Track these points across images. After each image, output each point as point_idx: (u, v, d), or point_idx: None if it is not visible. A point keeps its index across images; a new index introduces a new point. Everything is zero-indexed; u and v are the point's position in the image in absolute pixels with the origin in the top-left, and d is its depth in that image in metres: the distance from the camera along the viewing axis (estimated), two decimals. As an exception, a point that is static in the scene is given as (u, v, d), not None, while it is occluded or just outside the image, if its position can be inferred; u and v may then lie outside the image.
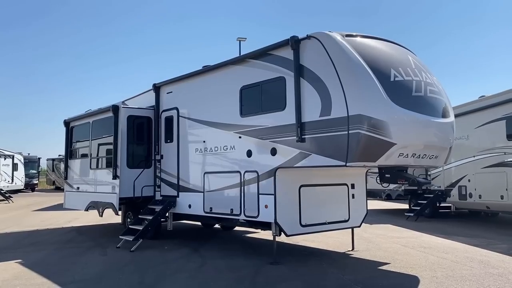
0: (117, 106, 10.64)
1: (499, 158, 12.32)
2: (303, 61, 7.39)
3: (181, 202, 9.98)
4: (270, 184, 7.84)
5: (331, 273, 7.32)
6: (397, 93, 6.76)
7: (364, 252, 9.10)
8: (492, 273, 7.26)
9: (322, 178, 8.47)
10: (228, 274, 7.35)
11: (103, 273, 7.53)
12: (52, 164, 44.19)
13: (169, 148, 10.44)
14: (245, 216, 8.34)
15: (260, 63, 8.24)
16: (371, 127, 6.51)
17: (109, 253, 9.26)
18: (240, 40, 25.82)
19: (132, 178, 10.44)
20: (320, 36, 7.18)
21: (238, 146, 8.58)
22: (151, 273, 7.48)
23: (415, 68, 7.28)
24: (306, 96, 7.30)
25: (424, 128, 7.04)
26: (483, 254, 8.82)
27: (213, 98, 9.31)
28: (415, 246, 9.74)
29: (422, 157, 7.20)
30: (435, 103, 7.27)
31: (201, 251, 9.42)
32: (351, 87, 6.70)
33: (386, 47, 7.49)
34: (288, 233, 7.93)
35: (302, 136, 7.30)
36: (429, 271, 7.38)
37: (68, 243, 10.67)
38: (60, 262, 8.44)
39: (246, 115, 8.43)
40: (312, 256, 8.85)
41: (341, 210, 8.74)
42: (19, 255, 9.17)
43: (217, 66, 9.28)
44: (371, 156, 6.69)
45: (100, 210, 11.12)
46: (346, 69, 6.81)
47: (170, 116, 10.46)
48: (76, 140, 13.11)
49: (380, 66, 6.88)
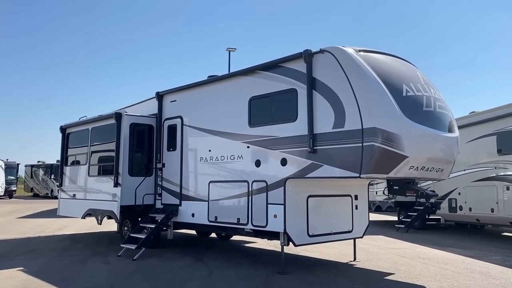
0: (120, 113, 10.60)
1: (490, 172, 12.72)
2: (315, 74, 7.55)
3: (184, 210, 9.97)
4: (279, 194, 7.93)
5: (341, 283, 7.43)
6: (409, 108, 6.98)
7: (366, 263, 9.25)
8: (494, 283, 7.49)
9: (327, 189, 8.60)
10: (239, 283, 7.38)
11: (112, 282, 7.46)
12: (30, 171, 43.23)
13: (171, 156, 10.44)
14: (253, 225, 8.39)
15: (271, 75, 8.37)
16: (385, 140, 6.69)
17: (111, 262, 9.16)
18: (230, 50, 26.06)
19: (133, 186, 10.38)
20: (334, 50, 7.36)
21: (246, 156, 8.65)
22: (161, 281, 7.45)
23: (424, 84, 7.53)
24: (319, 108, 7.45)
25: (434, 142, 7.27)
26: (481, 265, 9.07)
27: (220, 108, 9.37)
28: (413, 257, 9.95)
29: (430, 170, 7.42)
30: (443, 118, 7.53)
31: (204, 260, 9.41)
32: (366, 101, 6.89)
33: (396, 62, 7.73)
34: (297, 243, 8.01)
35: (314, 147, 7.44)
36: (434, 282, 7.57)
37: (66, 251, 10.50)
38: (64, 270, 8.31)
39: (255, 125, 8.52)
40: (316, 266, 8.96)
41: (345, 220, 8.87)
42: (18, 263, 9.00)
43: (225, 76, 9.39)
44: (384, 168, 6.87)
45: (99, 218, 10.98)
46: (361, 83, 6.99)
47: (173, 124, 10.47)
48: (73, 147, 12.94)
49: (393, 81, 7.10)
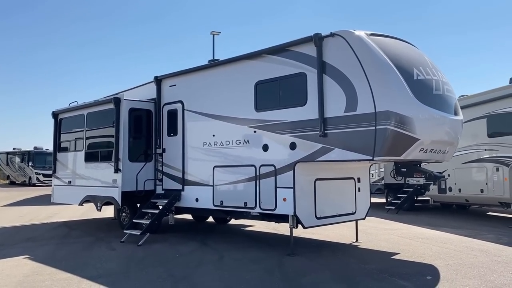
0: (118, 98, 10.42)
1: (480, 154, 13.10)
2: (326, 58, 7.60)
3: (187, 195, 9.95)
4: (288, 178, 8.01)
5: (352, 263, 7.60)
6: (420, 91, 7.12)
7: (368, 243, 9.47)
8: (497, 260, 7.78)
9: (332, 172, 8.73)
10: (253, 266, 7.46)
11: (125, 267, 7.44)
12: (6, 158, 42.12)
13: (172, 141, 10.36)
14: (261, 209, 8.46)
15: (278, 59, 8.36)
16: (398, 123, 6.83)
17: (117, 248, 9.10)
18: (214, 34, 25.84)
19: (134, 172, 10.28)
20: (345, 34, 7.41)
21: (252, 140, 8.67)
22: (174, 266, 7.47)
23: (432, 68, 7.67)
24: (330, 92, 7.52)
25: (443, 125, 7.45)
26: (479, 243, 9.40)
27: (224, 93, 9.32)
28: (412, 237, 10.23)
29: (437, 152, 7.62)
30: (450, 101, 7.71)
31: (210, 244, 9.45)
32: (378, 84, 6.98)
33: (404, 46, 7.84)
34: (306, 225, 8.14)
35: (325, 131, 7.53)
36: (440, 260, 7.81)
37: (66, 238, 10.38)
38: (72, 257, 8.22)
39: (262, 109, 8.53)
40: (322, 247, 9.12)
41: (349, 203, 9.05)
42: (21, 251, 8.85)
43: (229, 60, 9.31)
44: (397, 150, 7.02)
45: (99, 205, 10.86)
46: (373, 66, 7.08)
47: (173, 109, 10.38)
48: (66, 133, 12.66)
49: (404, 65, 7.21)
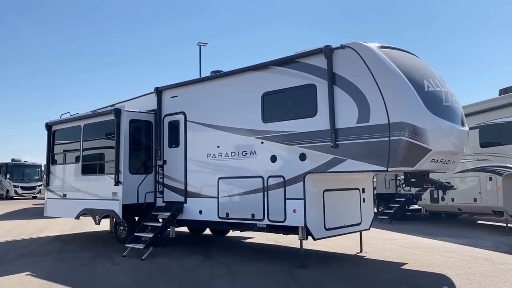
0: (119, 109, 10.24)
1: (473, 164, 13.34)
2: (336, 69, 7.64)
3: (190, 208, 9.80)
4: (298, 189, 7.97)
5: (364, 275, 7.60)
6: (431, 102, 7.22)
7: (373, 254, 9.49)
8: (505, 269, 7.89)
9: (339, 183, 8.73)
10: (265, 279, 7.36)
11: (136, 283, 7.27)
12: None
13: (174, 153, 10.22)
14: (269, 220, 8.39)
15: (286, 70, 8.37)
16: (412, 134, 6.89)
17: (120, 263, 8.86)
18: (201, 45, 25.82)
19: (135, 184, 10.08)
20: (357, 46, 7.47)
21: (260, 151, 8.62)
22: (185, 280, 7.33)
23: (440, 79, 7.80)
24: (341, 103, 7.55)
25: (452, 136, 7.56)
26: (481, 252, 9.53)
27: (229, 104, 9.25)
28: (414, 247, 10.30)
29: (446, 162, 7.71)
30: (457, 112, 7.84)
31: (214, 257, 9.31)
32: (392, 96, 7.05)
33: (412, 59, 7.96)
34: (316, 237, 8.11)
35: (337, 141, 7.55)
36: (449, 270, 7.87)
37: (64, 253, 10.07)
38: (77, 274, 7.97)
39: (270, 120, 8.51)
40: (329, 259, 9.09)
41: (355, 213, 9.06)
42: (21, 267, 8.52)
43: (234, 72, 9.27)
44: (410, 161, 7.08)
45: (97, 218, 10.58)
46: (385, 78, 7.15)
47: (175, 120, 10.25)
48: (61, 144, 12.35)
49: (415, 77, 7.30)
